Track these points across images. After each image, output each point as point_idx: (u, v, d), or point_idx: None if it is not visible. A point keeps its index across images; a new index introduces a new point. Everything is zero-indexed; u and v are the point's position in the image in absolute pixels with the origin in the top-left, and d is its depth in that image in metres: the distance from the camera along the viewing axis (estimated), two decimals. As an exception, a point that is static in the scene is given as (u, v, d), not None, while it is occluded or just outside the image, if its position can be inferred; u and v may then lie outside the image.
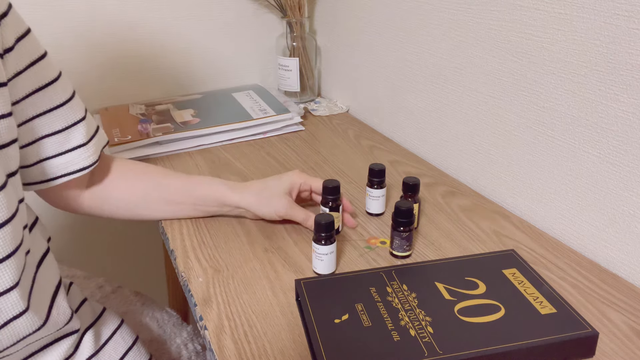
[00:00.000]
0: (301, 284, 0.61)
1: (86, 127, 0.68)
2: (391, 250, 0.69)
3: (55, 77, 0.64)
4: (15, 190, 0.57)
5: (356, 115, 1.22)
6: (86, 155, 0.68)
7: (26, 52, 0.60)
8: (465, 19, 0.84)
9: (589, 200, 0.70)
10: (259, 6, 1.29)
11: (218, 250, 0.72)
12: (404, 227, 0.67)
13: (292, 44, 1.25)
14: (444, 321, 0.55)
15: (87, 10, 1.14)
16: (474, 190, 0.88)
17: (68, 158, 0.67)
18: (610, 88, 0.65)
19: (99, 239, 1.32)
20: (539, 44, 0.72)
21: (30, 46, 0.61)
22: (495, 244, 0.73)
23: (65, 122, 0.65)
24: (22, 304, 0.55)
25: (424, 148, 1.01)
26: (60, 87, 0.65)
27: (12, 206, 0.54)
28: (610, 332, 0.58)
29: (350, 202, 0.79)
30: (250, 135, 1.08)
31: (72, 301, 0.70)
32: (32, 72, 0.61)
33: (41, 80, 0.62)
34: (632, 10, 0.60)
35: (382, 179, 0.78)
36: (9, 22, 0.57)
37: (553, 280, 0.66)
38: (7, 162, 0.56)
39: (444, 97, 0.93)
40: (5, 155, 0.55)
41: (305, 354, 0.55)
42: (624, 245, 0.67)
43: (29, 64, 0.60)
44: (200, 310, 0.61)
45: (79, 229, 1.27)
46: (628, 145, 0.64)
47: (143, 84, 1.24)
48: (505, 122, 0.81)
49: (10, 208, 0.53)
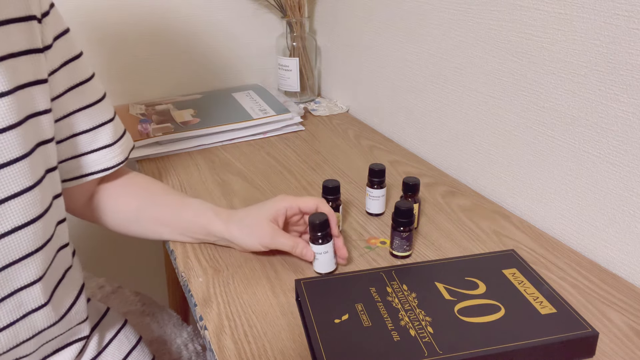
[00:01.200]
0: (301, 284, 0.61)
1: (113, 129, 0.70)
2: (391, 250, 0.69)
3: (88, 77, 0.66)
4: (53, 185, 0.58)
5: (356, 115, 1.22)
6: (111, 155, 0.69)
7: (63, 51, 0.62)
8: (465, 19, 0.84)
9: (589, 200, 0.70)
10: (259, 6, 1.29)
11: (218, 250, 0.72)
12: (404, 227, 0.67)
13: (292, 44, 1.25)
14: (444, 321, 0.55)
15: (87, 10, 1.14)
16: (474, 190, 0.88)
17: (94, 157, 0.68)
18: (610, 88, 0.65)
19: (99, 239, 1.32)
20: (539, 44, 0.72)
21: (67, 45, 0.63)
22: (495, 244, 0.73)
23: (92, 122, 0.67)
24: (42, 298, 0.56)
25: (424, 148, 1.01)
26: (91, 88, 0.66)
27: (46, 201, 0.55)
28: (610, 332, 0.58)
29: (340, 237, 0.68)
30: (250, 135, 1.08)
31: None
32: (67, 70, 0.62)
33: (75, 79, 0.64)
34: (632, 10, 0.60)
35: (382, 179, 0.77)
36: (50, 21, 0.59)
37: (553, 280, 0.66)
38: (48, 157, 0.57)
39: (444, 97, 0.93)
40: (46, 151, 0.57)
41: (305, 354, 0.55)
42: (624, 245, 0.67)
43: (64, 62, 0.62)
44: (200, 311, 0.61)
45: (79, 229, 1.27)
46: (628, 145, 0.64)
47: (143, 84, 1.24)
48: (505, 122, 0.81)
49: (43, 203, 0.55)
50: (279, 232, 0.66)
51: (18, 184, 0.52)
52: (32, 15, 0.55)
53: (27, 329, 0.56)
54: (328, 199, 0.73)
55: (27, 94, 0.54)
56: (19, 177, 0.52)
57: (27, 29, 0.55)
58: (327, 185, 0.73)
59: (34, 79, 0.55)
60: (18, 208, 0.52)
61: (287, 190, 0.88)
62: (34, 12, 0.56)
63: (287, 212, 0.68)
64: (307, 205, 0.67)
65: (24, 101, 0.53)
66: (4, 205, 0.51)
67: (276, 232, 0.66)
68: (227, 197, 0.86)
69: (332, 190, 0.73)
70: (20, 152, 0.52)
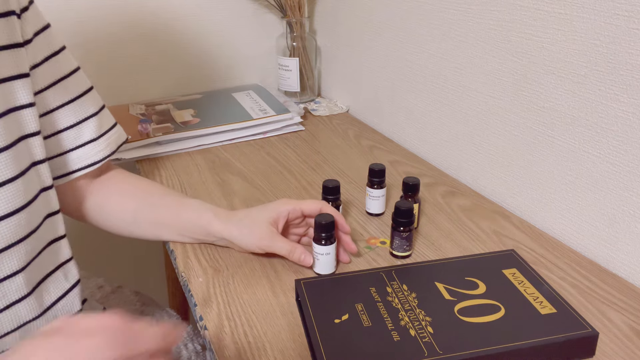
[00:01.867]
0: (301, 284, 0.61)
1: (98, 122, 0.69)
2: (391, 250, 0.69)
3: (71, 70, 0.66)
4: (40, 178, 0.59)
5: (356, 115, 1.22)
6: (96, 150, 0.69)
7: (44, 46, 0.63)
8: (465, 19, 0.84)
9: (589, 200, 0.70)
10: (259, 6, 1.29)
11: (218, 250, 0.72)
12: (404, 227, 0.67)
13: (292, 44, 1.25)
14: (444, 321, 0.55)
15: (86, 10, 1.14)
16: (474, 190, 0.88)
17: (79, 154, 0.68)
18: (610, 88, 0.65)
19: (99, 239, 1.32)
20: (539, 44, 0.72)
21: (48, 40, 0.63)
22: (495, 244, 0.73)
23: (76, 117, 0.67)
24: (25, 289, 0.56)
25: (424, 148, 1.01)
26: (75, 81, 0.67)
27: (31, 193, 0.56)
28: (610, 332, 0.58)
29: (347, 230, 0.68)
30: (250, 135, 1.08)
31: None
32: (50, 65, 0.63)
33: (57, 73, 0.64)
34: (632, 10, 0.60)
35: (382, 179, 0.77)
36: (29, 16, 0.60)
37: (553, 280, 0.66)
38: (33, 150, 0.58)
39: (444, 97, 0.93)
40: (31, 144, 0.58)
41: (305, 354, 0.55)
42: (624, 245, 0.67)
43: (46, 57, 0.63)
44: (200, 310, 0.61)
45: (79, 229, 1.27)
46: (628, 145, 0.64)
47: (143, 84, 1.24)
48: (505, 122, 0.81)
49: (27, 195, 0.55)
50: (277, 236, 0.66)
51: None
52: (11, 10, 0.57)
53: (11, 320, 0.56)
54: (328, 199, 0.73)
55: (8, 88, 0.55)
56: (1, 169, 0.53)
57: (6, 24, 0.56)
58: (327, 185, 0.73)
59: (15, 73, 0.56)
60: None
61: (287, 189, 0.88)
62: (13, 7, 0.57)
63: (289, 216, 0.67)
64: (310, 208, 0.67)
65: (5, 95, 0.54)
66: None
67: (274, 236, 0.66)
68: (227, 197, 0.86)
69: (332, 190, 0.73)
70: (1, 144, 0.53)
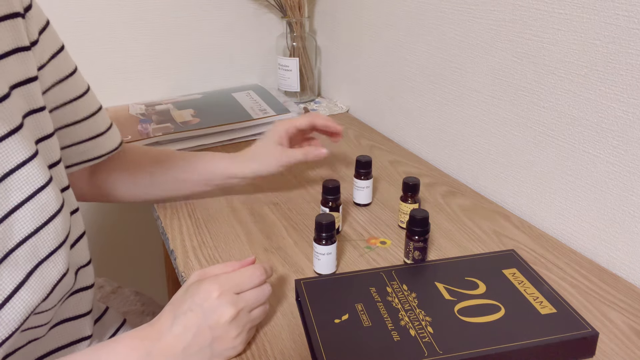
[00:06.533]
0: (301, 284, 0.61)
1: (94, 124, 0.69)
2: (405, 260, 0.67)
3: (72, 70, 0.65)
4: (58, 178, 0.57)
5: (356, 115, 1.22)
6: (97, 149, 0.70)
7: (49, 44, 0.61)
8: (465, 19, 0.84)
9: (589, 200, 0.70)
10: (259, 6, 1.29)
11: (218, 251, 0.72)
12: (419, 237, 0.65)
13: (292, 44, 1.25)
14: (444, 321, 0.55)
15: (86, 10, 1.14)
16: (474, 190, 0.88)
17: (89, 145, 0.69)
18: (610, 88, 0.65)
19: (99, 238, 1.32)
20: (539, 44, 0.72)
21: (52, 37, 0.62)
22: (495, 244, 0.73)
23: (75, 117, 0.66)
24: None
25: (424, 148, 1.01)
26: (74, 82, 0.66)
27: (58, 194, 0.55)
28: (610, 332, 0.58)
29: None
30: (250, 135, 1.08)
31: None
32: (54, 64, 0.62)
33: (60, 73, 0.63)
34: (632, 10, 0.60)
35: (368, 170, 0.81)
36: (33, 15, 0.57)
37: (553, 280, 0.66)
38: (50, 153, 0.56)
39: (444, 97, 0.93)
40: (48, 147, 0.56)
41: (305, 354, 0.55)
42: (624, 245, 0.67)
43: (51, 55, 0.61)
44: (200, 310, 0.61)
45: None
46: (628, 145, 0.64)
47: (143, 84, 1.24)
48: (505, 122, 0.81)
49: (58, 198, 0.53)
50: (289, 150, 0.77)
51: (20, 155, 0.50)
52: (15, 12, 0.53)
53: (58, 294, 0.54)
54: (328, 199, 0.73)
55: (25, 91, 0.53)
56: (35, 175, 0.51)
57: (12, 27, 0.52)
58: (327, 185, 0.73)
59: (24, 78, 0.53)
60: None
61: (286, 189, 0.88)
62: (16, 8, 0.53)
63: (288, 132, 0.77)
64: (302, 123, 0.79)
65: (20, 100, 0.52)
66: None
67: (286, 151, 0.77)
68: (228, 197, 0.86)
69: (332, 190, 0.73)
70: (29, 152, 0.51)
